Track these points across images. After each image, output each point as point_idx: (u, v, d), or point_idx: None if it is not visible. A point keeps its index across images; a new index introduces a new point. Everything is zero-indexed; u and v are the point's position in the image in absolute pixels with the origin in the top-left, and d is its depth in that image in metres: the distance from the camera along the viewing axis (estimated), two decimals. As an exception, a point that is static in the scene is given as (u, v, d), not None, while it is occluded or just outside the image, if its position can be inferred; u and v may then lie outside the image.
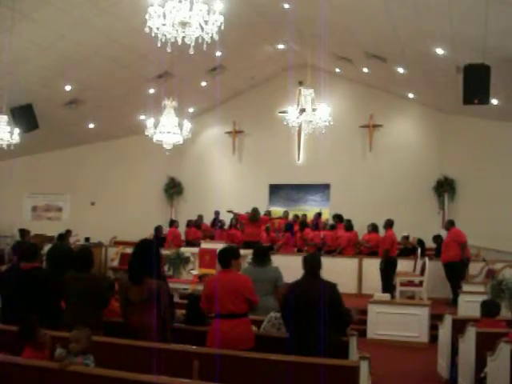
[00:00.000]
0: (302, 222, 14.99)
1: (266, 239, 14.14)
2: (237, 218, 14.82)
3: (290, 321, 5.05)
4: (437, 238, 13.24)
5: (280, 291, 6.41)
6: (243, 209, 13.96)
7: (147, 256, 5.02)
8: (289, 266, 7.66)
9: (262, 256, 6.88)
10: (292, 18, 11.96)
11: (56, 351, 4.22)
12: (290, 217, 15.94)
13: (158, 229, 15.10)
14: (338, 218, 14.65)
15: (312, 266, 5.12)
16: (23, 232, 10.73)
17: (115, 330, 5.09)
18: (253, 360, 4.40)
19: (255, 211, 12.98)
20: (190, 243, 14.05)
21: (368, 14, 11.35)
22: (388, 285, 11.32)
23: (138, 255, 5.16)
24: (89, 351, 4.23)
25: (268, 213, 15.99)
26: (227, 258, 5.31)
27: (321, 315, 4.68)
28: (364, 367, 4.08)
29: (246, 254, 9.85)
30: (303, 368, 4.18)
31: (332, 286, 4.97)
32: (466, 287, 10.34)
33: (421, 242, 13.41)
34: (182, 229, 15.61)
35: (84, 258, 5.47)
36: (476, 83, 9.33)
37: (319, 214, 15.85)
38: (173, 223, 15.43)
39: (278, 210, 17.11)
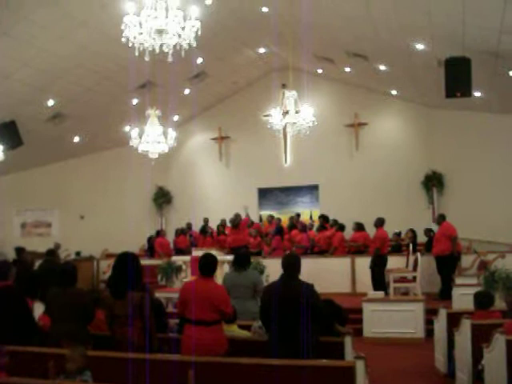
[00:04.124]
0: (290, 224, 14.97)
1: (253, 244, 14.10)
2: (224, 225, 15.00)
3: (268, 324, 4.98)
4: (428, 232, 13.20)
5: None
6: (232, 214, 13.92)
7: (127, 269, 4.93)
8: (280, 270, 7.59)
9: (242, 261, 6.93)
10: (271, 21, 11.95)
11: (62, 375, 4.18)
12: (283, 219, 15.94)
13: (151, 239, 15.00)
14: (323, 218, 14.68)
15: (288, 267, 5.01)
16: (19, 250, 10.60)
17: (103, 343, 5.04)
18: (242, 366, 4.35)
19: (234, 218, 13.00)
20: (180, 251, 13.99)
21: (347, 13, 11.38)
22: (379, 282, 11.33)
23: (118, 269, 5.11)
24: (86, 367, 4.18)
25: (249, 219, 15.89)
26: (210, 267, 5.22)
27: (298, 316, 4.60)
28: (360, 367, 4.05)
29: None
30: (297, 371, 4.13)
31: (309, 286, 4.86)
32: (459, 280, 10.34)
33: (414, 233, 13.39)
34: (171, 238, 15.53)
35: (67, 274, 5.42)
36: (457, 76, 9.40)
37: (298, 215, 15.96)
38: (159, 233, 15.36)
39: (268, 214, 17.06)
